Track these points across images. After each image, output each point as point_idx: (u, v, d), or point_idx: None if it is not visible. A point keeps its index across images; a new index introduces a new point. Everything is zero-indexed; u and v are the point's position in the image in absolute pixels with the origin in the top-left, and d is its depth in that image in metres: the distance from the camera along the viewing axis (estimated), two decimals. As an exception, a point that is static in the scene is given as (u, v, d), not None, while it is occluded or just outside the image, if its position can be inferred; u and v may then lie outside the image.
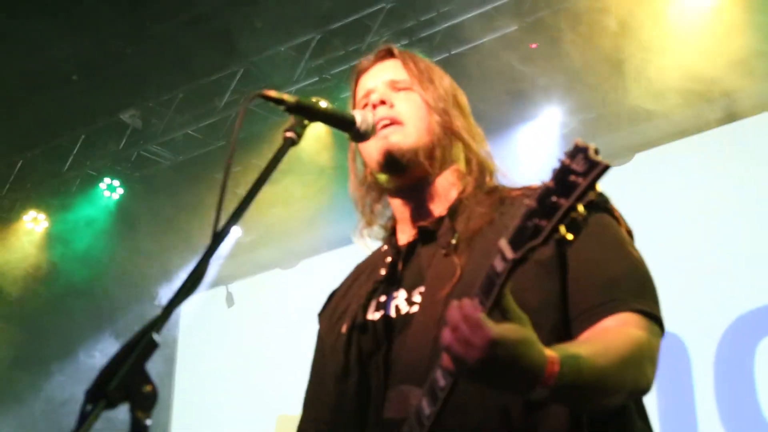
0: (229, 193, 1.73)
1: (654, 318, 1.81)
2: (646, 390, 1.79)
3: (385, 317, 1.99)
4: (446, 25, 6.27)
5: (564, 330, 1.82)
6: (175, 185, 7.52)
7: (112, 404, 1.37)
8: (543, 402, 1.57)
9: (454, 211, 2.04)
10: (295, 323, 7.27)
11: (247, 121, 6.48)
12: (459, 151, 2.12)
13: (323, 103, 1.92)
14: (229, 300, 7.82)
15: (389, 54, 2.22)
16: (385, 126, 2.06)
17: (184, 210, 7.33)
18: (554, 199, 1.43)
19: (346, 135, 2.01)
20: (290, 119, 1.87)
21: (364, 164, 2.18)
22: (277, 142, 1.84)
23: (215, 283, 7.79)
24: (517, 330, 1.50)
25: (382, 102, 2.09)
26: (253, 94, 1.84)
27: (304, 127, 1.86)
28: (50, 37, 6.28)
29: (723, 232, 5.73)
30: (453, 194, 2.09)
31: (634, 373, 1.71)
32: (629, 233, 2.00)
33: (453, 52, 6.36)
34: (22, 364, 7.65)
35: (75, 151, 7.56)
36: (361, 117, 1.97)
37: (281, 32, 6.55)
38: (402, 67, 2.16)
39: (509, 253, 1.48)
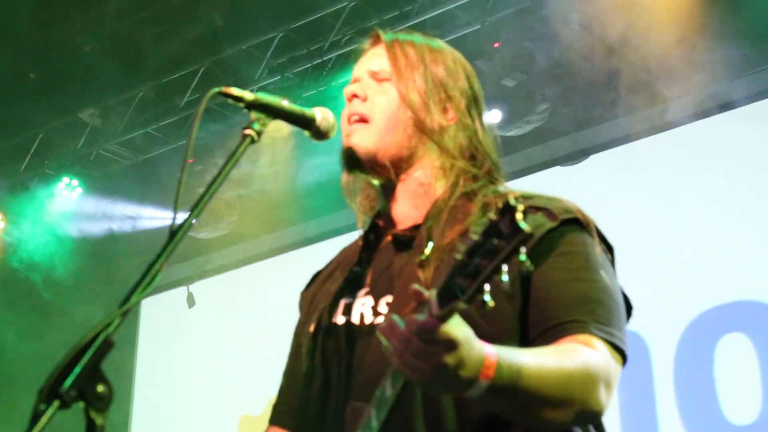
0: (189, 192, 1.71)
1: (615, 346, 1.74)
2: (597, 414, 1.73)
3: (348, 324, 1.95)
4: (409, 23, 6.26)
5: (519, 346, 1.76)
6: (135, 184, 7.49)
7: (65, 404, 1.36)
8: (484, 400, 1.54)
9: (430, 218, 1.94)
10: (256, 324, 7.25)
11: (208, 120, 6.44)
12: (438, 151, 2.00)
13: (283, 101, 1.90)
14: (190, 300, 7.78)
15: (378, 39, 2.10)
16: (352, 122, 2.01)
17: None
18: (478, 260, 1.41)
19: (306, 133, 1.99)
20: (250, 116, 1.86)
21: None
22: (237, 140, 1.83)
23: (176, 284, 7.74)
24: (461, 333, 1.48)
25: (355, 95, 2.02)
26: (212, 92, 1.82)
27: (264, 124, 1.85)
28: (8, 31, 6.22)
29: (683, 232, 5.78)
30: (432, 195, 1.98)
31: (582, 391, 1.66)
32: (610, 251, 1.93)
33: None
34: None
35: (32, 151, 7.47)
36: (321, 115, 1.95)
37: (243, 30, 6.53)
38: (389, 57, 2.04)
39: (435, 309, 1.46)
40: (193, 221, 1.66)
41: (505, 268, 1.40)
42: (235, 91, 1.84)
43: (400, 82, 2.01)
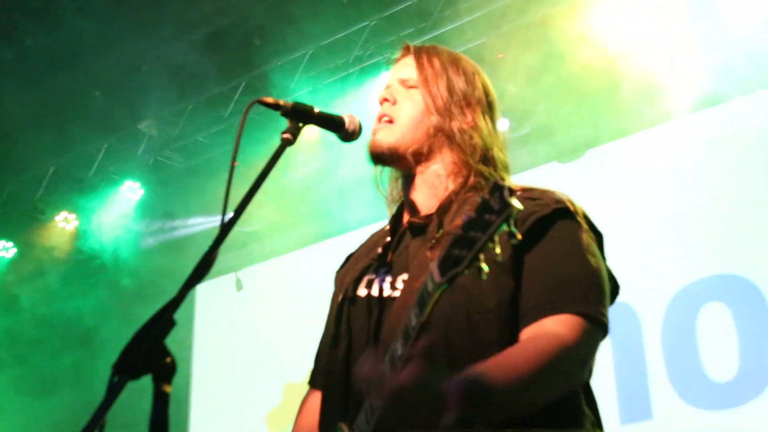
0: (234, 189, 1.71)
1: (594, 320, 1.72)
2: (577, 384, 1.76)
3: (369, 296, 1.96)
4: (424, 38, 6.25)
5: (516, 325, 1.76)
6: (187, 185, 7.54)
7: (135, 376, 1.36)
8: (459, 424, 1.49)
9: (443, 208, 1.95)
10: (296, 303, 7.27)
11: (250, 128, 6.45)
12: (455, 150, 1.99)
13: (316, 108, 1.90)
14: (239, 285, 7.81)
15: (408, 51, 2.11)
16: (381, 122, 2.02)
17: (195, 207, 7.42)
18: (472, 233, 1.42)
19: (336, 135, 1.98)
20: (287, 123, 1.85)
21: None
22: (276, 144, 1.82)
23: (225, 271, 7.78)
24: (418, 374, 1.49)
25: (386, 99, 2.03)
26: (254, 101, 1.82)
27: (299, 129, 1.84)
28: (77, 57, 6.27)
29: (670, 216, 5.74)
30: (447, 188, 1.97)
31: (553, 380, 1.66)
32: (599, 240, 1.91)
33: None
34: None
35: (100, 158, 7.52)
36: (349, 119, 1.94)
37: (278, 49, 6.53)
38: (416, 66, 2.04)
39: (437, 277, 1.47)
40: (240, 216, 1.67)
41: (496, 239, 1.40)
42: (272, 100, 1.84)
43: (426, 89, 2.02)
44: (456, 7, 6.09)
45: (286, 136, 1.82)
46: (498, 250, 1.41)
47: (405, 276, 1.92)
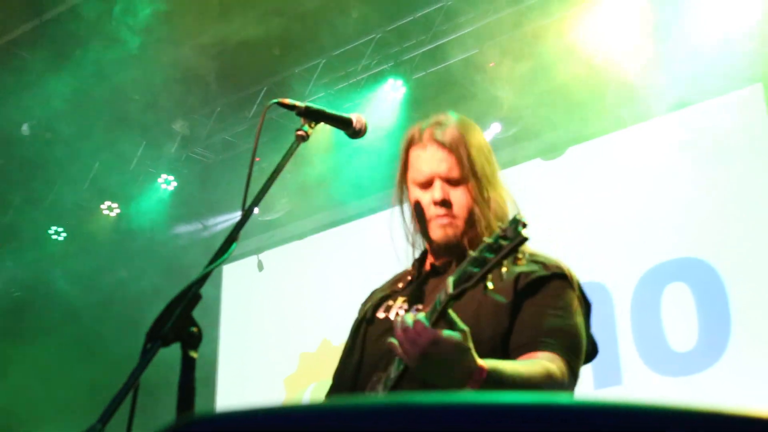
0: (254, 181, 1.70)
1: (571, 368, 1.80)
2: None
3: (386, 318, 2.00)
4: (423, 50, 6.23)
5: (501, 354, 1.81)
6: (216, 178, 7.53)
7: (166, 343, 1.36)
8: None
9: (462, 257, 1.91)
10: (311, 282, 7.28)
11: (272, 129, 6.43)
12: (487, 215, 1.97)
13: (327, 109, 1.89)
14: (260, 266, 7.80)
15: (443, 145, 1.97)
16: (444, 221, 1.95)
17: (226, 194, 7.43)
18: (486, 255, 1.49)
19: (345, 133, 1.97)
20: (301, 121, 1.84)
21: (411, 215, 2.06)
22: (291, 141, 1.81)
23: (248, 254, 7.78)
24: (456, 339, 1.54)
25: (444, 201, 1.95)
26: (272, 102, 1.81)
27: (312, 127, 1.83)
28: (116, 69, 6.27)
29: (640, 208, 5.72)
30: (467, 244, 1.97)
31: (543, 387, 1.71)
32: (587, 307, 1.97)
33: (429, 71, 6.34)
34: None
35: (138, 155, 7.51)
36: (356, 118, 1.94)
37: (296, 58, 6.51)
38: (456, 163, 1.95)
39: (450, 290, 1.54)
40: (257, 206, 1.66)
41: (505, 262, 1.47)
42: (289, 101, 1.83)
43: (473, 186, 1.96)
44: (453, 21, 6.04)
45: (300, 133, 1.81)
46: (504, 270, 1.47)
47: (420, 306, 1.93)
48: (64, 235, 7.99)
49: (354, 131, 1.94)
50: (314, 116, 1.84)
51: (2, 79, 6.44)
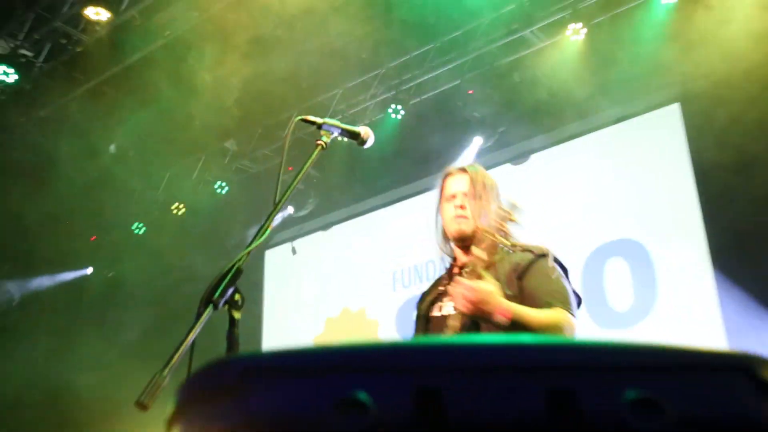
0: (283, 184, 1.67)
1: (573, 314, 1.98)
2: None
3: (441, 317, 2.10)
4: (419, 80, 6.20)
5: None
6: (258, 185, 7.51)
7: (216, 307, 1.32)
8: (504, 327, 1.82)
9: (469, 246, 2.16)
10: (336, 264, 7.26)
11: (298, 145, 6.39)
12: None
13: (340, 123, 1.86)
14: (293, 251, 7.77)
15: (465, 171, 2.23)
16: (460, 217, 2.14)
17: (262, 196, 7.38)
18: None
19: (355, 142, 1.93)
20: (320, 134, 1.81)
21: (443, 229, 2.22)
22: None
23: (284, 241, 7.76)
24: (491, 288, 1.83)
25: (462, 207, 2.16)
26: (297, 118, 1.78)
27: (329, 137, 1.80)
28: (182, 102, 6.23)
29: (590, 201, 5.68)
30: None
31: (554, 331, 1.89)
32: (565, 270, 2.11)
33: (423, 97, 6.31)
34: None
35: (199, 167, 7.49)
36: (363, 131, 1.90)
37: (318, 89, 6.48)
38: (470, 184, 2.19)
39: (484, 256, 1.90)
40: (285, 200, 1.63)
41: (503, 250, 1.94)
42: (310, 117, 1.80)
43: (479, 199, 2.17)
44: (441, 59, 6.02)
45: (319, 142, 1.78)
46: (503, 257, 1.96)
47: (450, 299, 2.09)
48: (143, 229, 8.00)
49: (362, 141, 1.91)
50: (330, 129, 1.81)
51: (95, 109, 6.43)
